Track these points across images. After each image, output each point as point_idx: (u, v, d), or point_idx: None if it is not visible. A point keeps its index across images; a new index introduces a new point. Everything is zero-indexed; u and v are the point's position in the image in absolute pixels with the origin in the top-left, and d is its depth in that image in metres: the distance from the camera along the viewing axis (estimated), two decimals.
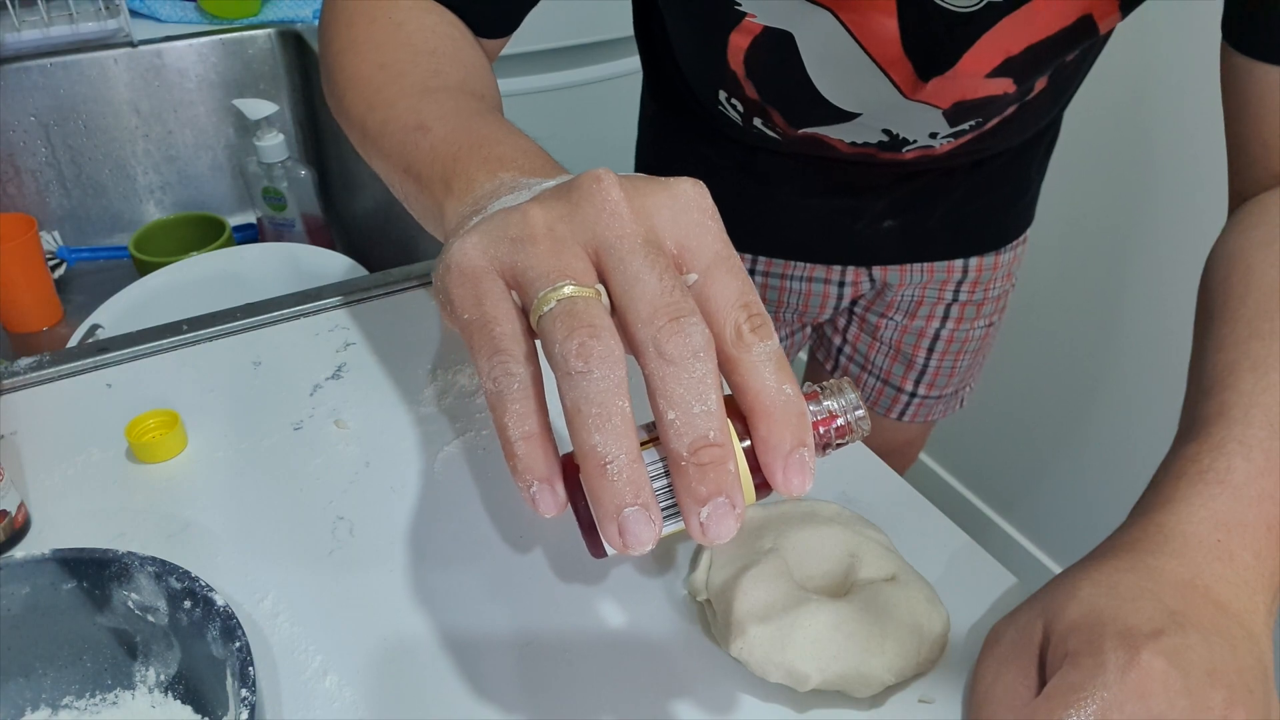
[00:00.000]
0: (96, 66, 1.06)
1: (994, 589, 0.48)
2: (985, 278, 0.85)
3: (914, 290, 0.85)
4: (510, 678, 0.42)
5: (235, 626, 0.37)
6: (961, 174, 0.76)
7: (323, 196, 1.12)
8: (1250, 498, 0.38)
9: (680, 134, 0.81)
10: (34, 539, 0.48)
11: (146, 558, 0.40)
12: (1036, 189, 0.84)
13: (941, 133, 0.65)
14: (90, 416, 0.56)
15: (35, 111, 1.05)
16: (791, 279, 0.84)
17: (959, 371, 0.90)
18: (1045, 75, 0.62)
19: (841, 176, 0.75)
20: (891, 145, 0.67)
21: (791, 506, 0.48)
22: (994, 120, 0.65)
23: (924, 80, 0.59)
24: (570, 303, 0.29)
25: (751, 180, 0.78)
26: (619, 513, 0.28)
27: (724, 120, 0.72)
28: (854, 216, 0.79)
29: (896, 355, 0.89)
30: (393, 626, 0.44)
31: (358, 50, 0.53)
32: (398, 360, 0.61)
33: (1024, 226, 0.85)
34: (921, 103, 0.61)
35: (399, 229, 0.96)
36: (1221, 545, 0.38)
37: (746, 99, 0.67)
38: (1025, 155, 0.78)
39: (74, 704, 0.41)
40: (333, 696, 0.41)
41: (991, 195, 0.79)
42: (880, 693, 0.41)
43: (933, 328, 0.87)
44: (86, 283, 1.03)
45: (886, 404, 0.92)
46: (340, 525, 0.49)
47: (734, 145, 0.75)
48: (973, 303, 0.86)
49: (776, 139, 0.71)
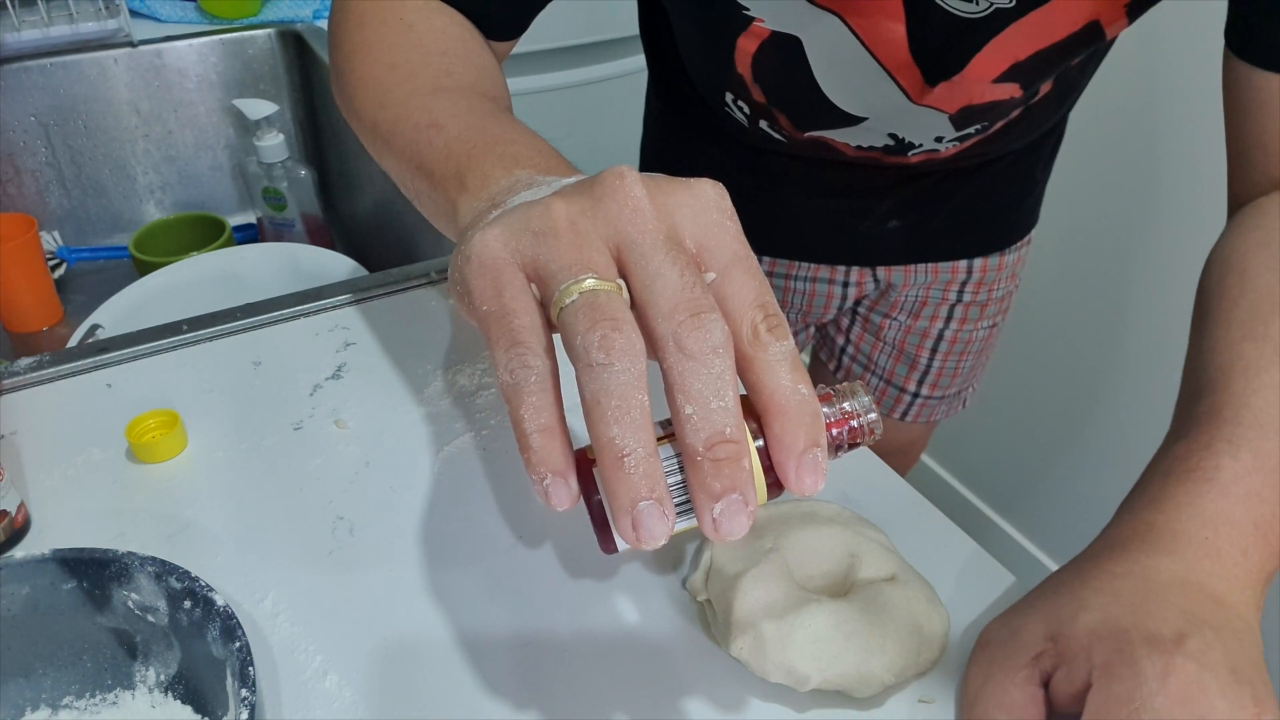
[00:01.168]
0: (96, 66, 1.06)
1: (994, 589, 0.48)
2: (989, 279, 0.84)
3: (918, 291, 0.85)
4: (510, 678, 0.42)
5: (235, 626, 0.37)
6: (966, 175, 0.76)
7: (323, 196, 1.12)
8: (1237, 496, 0.39)
9: (685, 134, 0.81)
10: (34, 539, 0.48)
11: (146, 558, 0.40)
12: (1041, 190, 0.84)
13: (947, 136, 0.65)
14: (90, 416, 0.56)
15: (35, 111, 1.05)
16: (796, 279, 0.84)
17: (962, 372, 0.90)
18: (1050, 79, 0.62)
19: (847, 178, 0.75)
20: (897, 149, 0.67)
21: (791, 507, 0.48)
22: (999, 124, 0.65)
23: (931, 85, 0.59)
24: (593, 295, 0.29)
25: (756, 180, 0.78)
26: (634, 506, 0.28)
27: (730, 121, 0.72)
28: (859, 217, 0.79)
29: (900, 356, 0.89)
30: (393, 626, 0.44)
31: (369, 51, 0.53)
32: (398, 360, 0.61)
33: (1028, 228, 0.85)
34: (928, 107, 0.61)
35: (399, 229, 0.96)
36: (1209, 543, 0.38)
37: (753, 102, 0.67)
38: (1030, 157, 0.78)
39: (74, 704, 0.41)
40: (333, 696, 0.41)
41: (996, 197, 0.79)
42: (880, 693, 0.41)
43: (936, 328, 0.87)
44: (86, 283, 1.03)
45: (889, 404, 0.92)
46: (340, 525, 0.49)
47: (739, 146, 0.75)
48: (976, 304, 0.86)
49: (782, 141, 0.71)
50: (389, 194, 0.96)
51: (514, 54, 0.62)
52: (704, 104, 0.73)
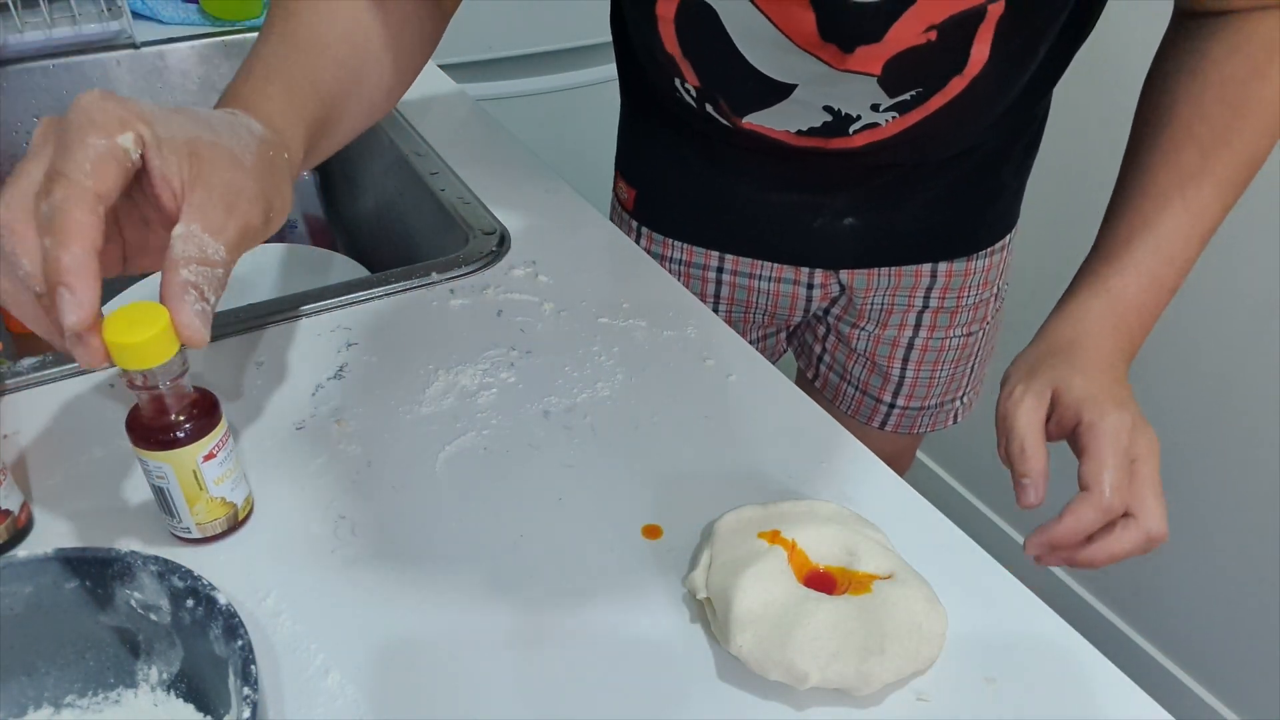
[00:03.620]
0: (99, 68, 1.07)
1: (993, 589, 0.48)
2: (956, 284, 0.83)
3: (882, 297, 0.84)
4: (510, 677, 0.42)
5: (237, 625, 0.38)
6: (924, 176, 0.75)
7: (325, 197, 1.12)
8: (1133, 307, 0.57)
9: (651, 129, 0.81)
10: (37, 538, 0.48)
11: (149, 557, 0.40)
12: (1014, 195, 0.82)
13: (883, 104, 0.64)
14: (92, 416, 0.56)
15: (38, 112, 1.05)
16: (759, 279, 0.85)
17: (939, 382, 0.89)
18: (975, 40, 0.61)
19: (798, 170, 0.74)
20: (837, 126, 0.67)
21: (790, 506, 0.48)
22: (937, 94, 0.64)
23: (850, 53, 0.59)
24: None
25: (716, 172, 0.78)
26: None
27: (685, 109, 0.72)
28: (813, 212, 0.78)
29: (873, 367, 0.88)
30: (394, 625, 0.44)
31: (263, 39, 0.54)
32: (400, 360, 0.61)
33: (1001, 234, 0.83)
34: (853, 72, 0.61)
35: (400, 230, 0.96)
36: (1118, 346, 0.56)
37: (689, 85, 0.67)
38: (996, 158, 0.76)
39: (77, 702, 0.41)
40: (334, 695, 0.41)
41: (959, 199, 0.78)
42: (879, 691, 0.42)
43: (905, 336, 0.86)
44: None
45: (867, 414, 0.91)
46: (342, 525, 0.50)
47: (699, 136, 0.75)
48: (945, 310, 0.84)
49: (731, 129, 0.71)
50: (391, 195, 0.96)
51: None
52: (662, 93, 0.73)
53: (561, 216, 0.78)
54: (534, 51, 1.41)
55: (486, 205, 0.78)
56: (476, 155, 0.86)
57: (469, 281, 0.69)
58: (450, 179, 0.82)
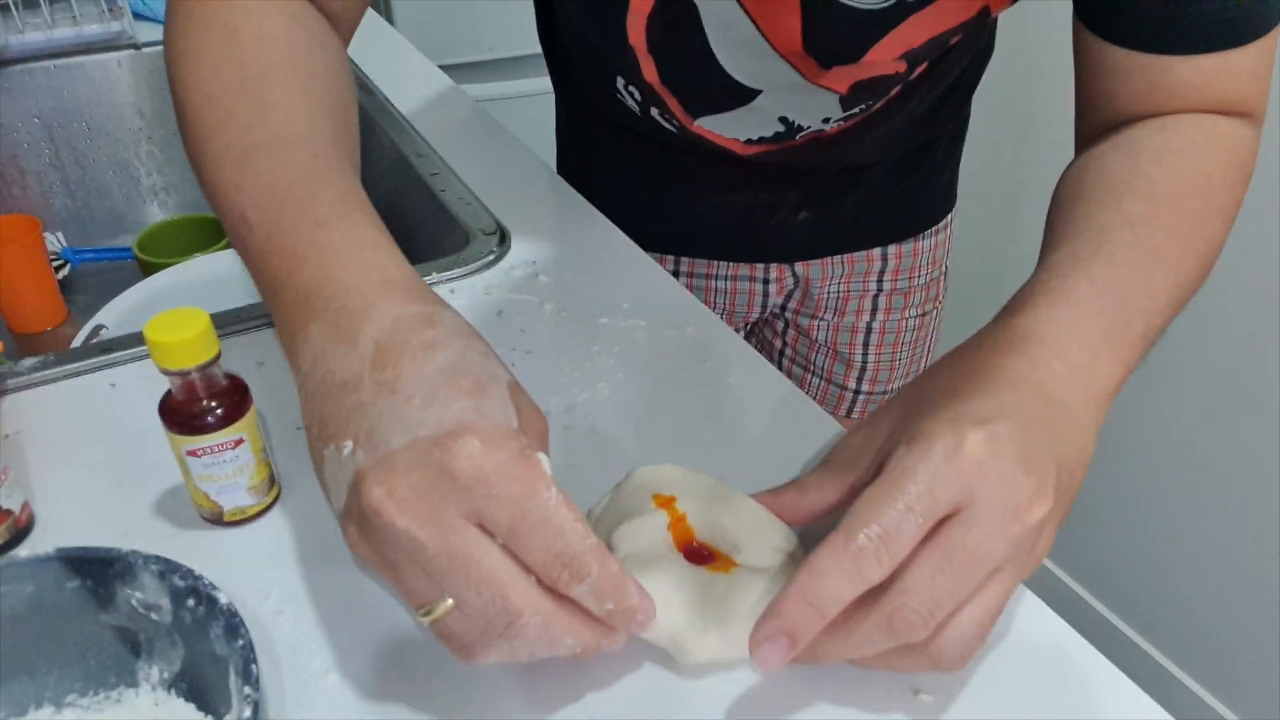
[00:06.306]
0: (100, 68, 1.07)
1: None
2: (906, 264, 0.87)
3: (838, 285, 0.87)
4: (510, 676, 0.42)
5: (239, 625, 0.38)
6: (869, 164, 0.78)
7: None
8: (1089, 311, 0.43)
9: (589, 137, 0.83)
10: (38, 538, 0.48)
11: (150, 556, 0.40)
12: (951, 175, 0.86)
13: (834, 117, 0.66)
14: (94, 416, 0.56)
15: (39, 113, 1.05)
16: (716, 279, 0.86)
17: (900, 364, 0.92)
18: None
19: (749, 171, 0.75)
20: (786, 134, 0.68)
21: (716, 484, 0.47)
22: (880, 102, 0.66)
23: (826, 69, 0.60)
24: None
25: (661, 177, 0.79)
26: None
27: (624, 113, 0.72)
28: (769, 211, 0.80)
29: (835, 355, 0.90)
30: (395, 625, 0.44)
31: (192, 67, 0.49)
32: None
33: (944, 213, 0.88)
34: (822, 87, 0.62)
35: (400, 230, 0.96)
36: (1060, 345, 0.41)
37: (644, 84, 0.67)
38: (931, 144, 0.81)
39: (78, 702, 0.41)
40: (335, 694, 0.41)
41: (901, 183, 0.81)
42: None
43: (864, 321, 0.89)
44: (90, 284, 1.04)
45: (833, 402, 0.93)
46: None
47: (640, 141, 0.76)
48: (899, 291, 0.88)
49: (674, 133, 0.71)
50: (389, 196, 0.96)
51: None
52: (598, 98, 0.73)
53: (562, 216, 0.79)
54: (534, 51, 1.41)
55: (486, 205, 0.78)
56: (476, 155, 0.86)
57: (469, 282, 0.69)
58: (450, 179, 0.82)
